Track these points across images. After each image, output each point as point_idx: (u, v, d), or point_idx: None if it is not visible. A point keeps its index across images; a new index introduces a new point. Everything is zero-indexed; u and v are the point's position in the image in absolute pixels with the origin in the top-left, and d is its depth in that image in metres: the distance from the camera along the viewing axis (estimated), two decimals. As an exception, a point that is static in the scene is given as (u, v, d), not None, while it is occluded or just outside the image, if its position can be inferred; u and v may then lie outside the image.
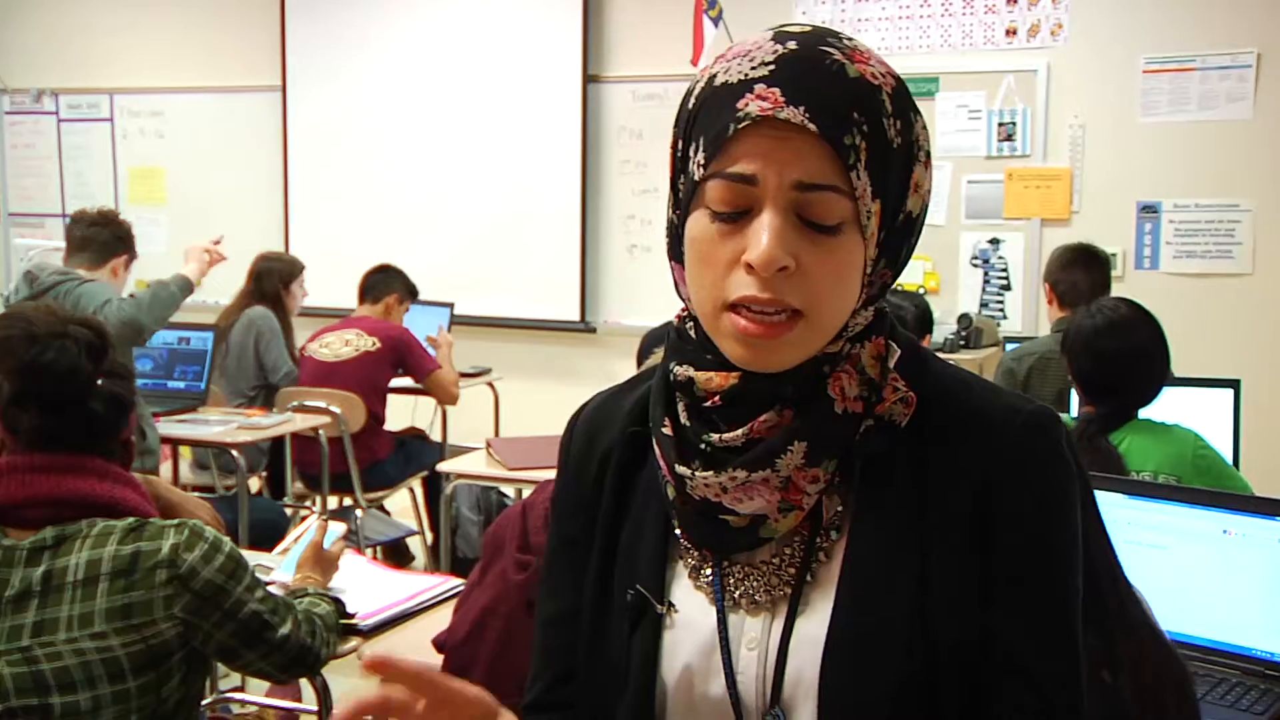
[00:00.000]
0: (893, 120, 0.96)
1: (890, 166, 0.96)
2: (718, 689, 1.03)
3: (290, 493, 4.99)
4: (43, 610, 1.90)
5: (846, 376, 1.00)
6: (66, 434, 1.98)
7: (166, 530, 1.97)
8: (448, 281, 6.37)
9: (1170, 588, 2.17)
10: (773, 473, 0.98)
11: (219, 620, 1.98)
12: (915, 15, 5.95)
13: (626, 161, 6.54)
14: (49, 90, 8.05)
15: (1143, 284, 5.52)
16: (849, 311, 0.99)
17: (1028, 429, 1.00)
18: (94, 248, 4.18)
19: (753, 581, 1.04)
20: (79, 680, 1.89)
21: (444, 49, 6.84)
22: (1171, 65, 5.51)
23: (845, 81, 0.94)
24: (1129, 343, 2.72)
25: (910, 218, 1.00)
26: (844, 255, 0.95)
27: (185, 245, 5.74)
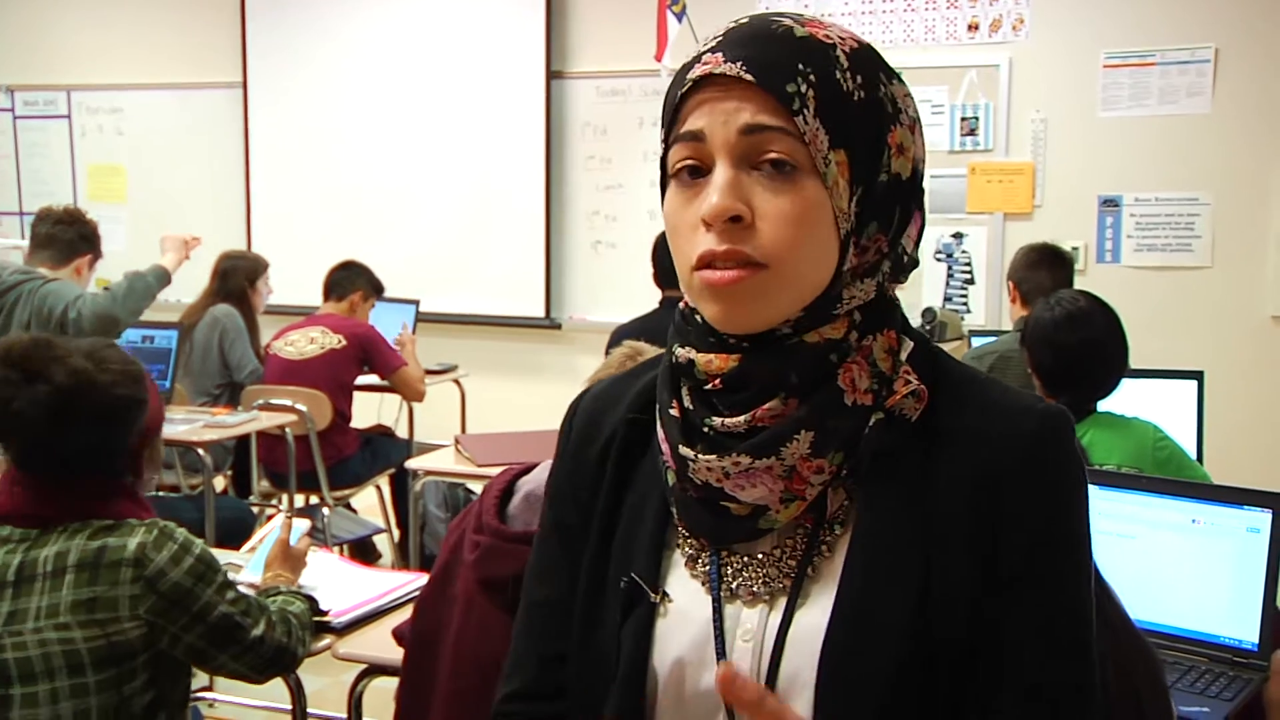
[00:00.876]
0: (849, 74, 0.97)
1: (850, 117, 0.96)
2: (709, 681, 1.02)
3: (256, 491, 4.96)
4: (15, 600, 1.93)
5: (857, 368, 0.99)
6: (42, 468, 2.03)
7: (136, 529, 1.98)
8: (413, 278, 6.34)
9: (1139, 577, 2.19)
10: (777, 461, 0.97)
11: (186, 623, 1.98)
12: (877, 10, 5.97)
13: (591, 157, 6.53)
14: (4, 86, 7.94)
15: (1105, 277, 5.57)
16: (826, 267, 0.97)
17: (1042, 428, 0.99)
18: (58, 246, 4.13)
19: (751, 572, 1.02)
20: (39, 671, 1.90)
21: (407, 45, 6.81)
22: (1132, 60, 5.56)
23: (790, 40, 0.96)
24: (1087, 335, 2.74)
25: (899, 180, 0.99)
26: (800, 200, 0.95)
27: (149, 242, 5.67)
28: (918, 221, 1.04)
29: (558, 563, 1.13)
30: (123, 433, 2.07)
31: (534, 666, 1.14)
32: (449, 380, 5.86)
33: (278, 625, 2.12)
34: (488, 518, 1.95)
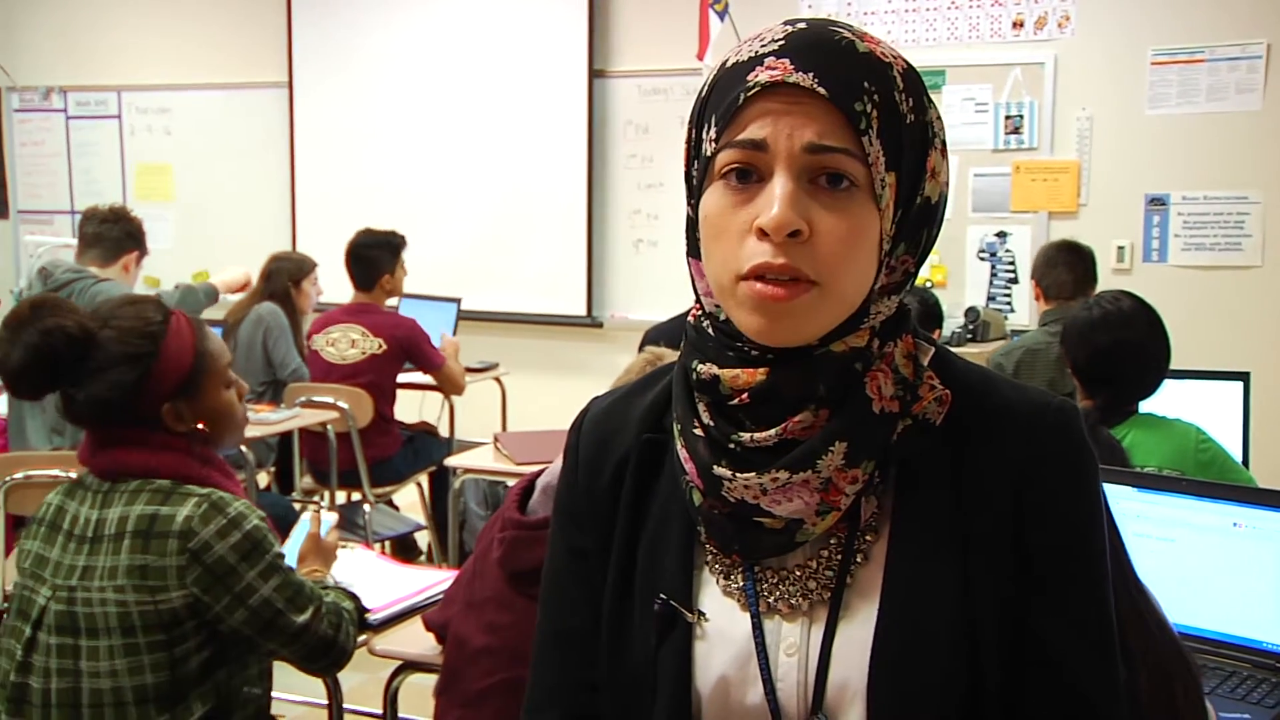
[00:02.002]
0: (904, 96, 0.96)
1: (904, 141, 0.96)
2: (755, 697, 1.01)
3: (299, 488, 4.99)
4: (89, 556, 2.03)
5: (882, 375, 0.99)
6: (81, 416, 2.11)
7: (188, 499, 2.04)
8: (455, 276, 6.37)
9: (1180, 581, 2.16)
10: (814, 474, 0.96)
11: (229, 604, 2.02)
12: (921, 8, 5.92)
13: (633, 156, 6.53)
14: (58, 88, 8.05)
15: (1151, 276, 5.51)
16: (865, 285, 0.97)
17: (1058, 424, 1.00)
18: (105, 244, 4.18)
19: (788, 586, 1.01)
20: (100, 627, 2.00)
21: (450, 45, 6.84)
22: (1180, 57, 5.48)
23: (855, 55, 0.95)
24: (1124, 335, 2.72)
25: (929, 204, 0.99)
26: (857, 221, 0.94)
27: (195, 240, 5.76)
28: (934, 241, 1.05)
29: (577, 592, 1.12)
30: (119, 390, 2.08)
31: (569, 696, 1.12)
32: (490, 378, 5.88)
33: (326, 617, 2.14)
34: (509, 514, 1.97)
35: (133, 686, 1.99)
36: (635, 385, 1.16)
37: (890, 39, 5.91)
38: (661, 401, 1.10)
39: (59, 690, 2.00)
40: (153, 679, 1.99)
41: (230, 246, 7.24)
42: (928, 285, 5.54)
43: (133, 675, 1.99)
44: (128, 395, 2.08)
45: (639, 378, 2.09)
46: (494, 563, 1.98)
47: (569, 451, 1.16)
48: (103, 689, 1.99)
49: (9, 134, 8.24)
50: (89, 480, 2.11)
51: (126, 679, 1.98)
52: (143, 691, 1.99)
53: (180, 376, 2.13)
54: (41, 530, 2.10)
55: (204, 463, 2.14)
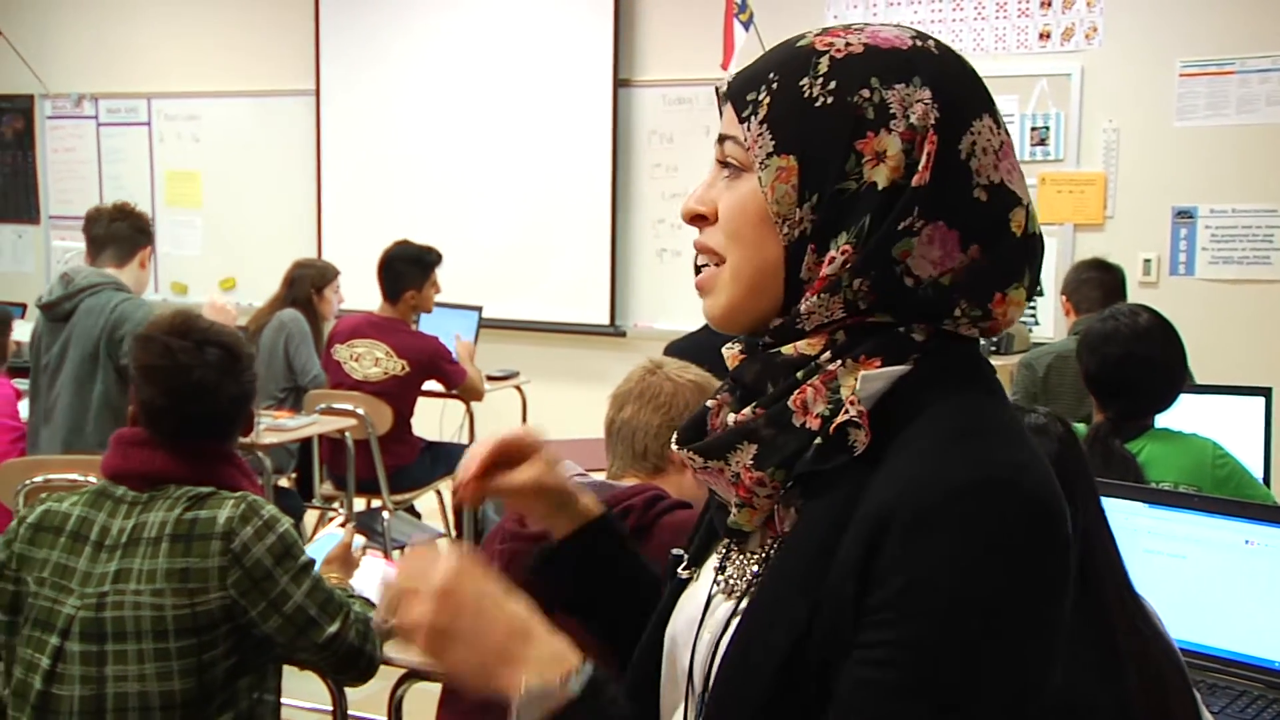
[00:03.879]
0: (821, 79, 0.97)
1: (805, 124, 0.97)
2: (684, 664, 1.06)
3: (318, 494, 5.02)
4: (123, 560, 2.06)
5: (813, 391, 0.95)
6: (189, 430, 2.19)
7: (225, 502, 2.09)
8: (477, 284, 6.38)
9: (1190, 599, 2.13)
10: (725, 466, 0.99)
11: (264, 610, 2.05)
12: (947, 19, 5.91)
13: (657, 165, 6.54)
14: (89, 95, 8.13)
15: (1177, 290, 5.46)
16: (765, 265, 0.99)
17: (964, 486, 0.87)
18: (119, 243, 4.13)
19: (737, 568, 1.04)
20: (129, 631, 2.02)
21: (475, 54, 6.86)
22: (1210, 69, 5.44)
23: (785, 49, 1.02)
24: (1137, 349, 2.70)
25: (871, 188, 0.93)
26: (739, 200, 1.00)
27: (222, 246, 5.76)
28: (944, 244, 0.94)
29: None
30: (248, 395, 2.25)
31: None
32: (510, 386, 5.89)
33: (354, 626, 2.17)
34: (508, 525, 1.97)
35: (160, 692, 2.01)
36: None
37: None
38: None
39: (82, 698, 2.02)
40: (180, 685, 2.01)
41: (256, 253, 7.30)
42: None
43: (161, 681, 2.01)
44: (249, 399, 2.25)
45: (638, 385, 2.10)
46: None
47: None
48: (129, 693, 2.01)
49: (41, 141, 8.33)
50: (118, 491, 2.14)
51: (154, 684, 2.00)
52: (170, 697, 2.01)
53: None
54: (62, 541, 2.11)
55: (244, 473, 2.24)
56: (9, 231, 8.49)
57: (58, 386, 3.89)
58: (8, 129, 8.43)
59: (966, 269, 0.95)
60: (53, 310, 3.94)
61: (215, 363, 2.19)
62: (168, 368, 2.17)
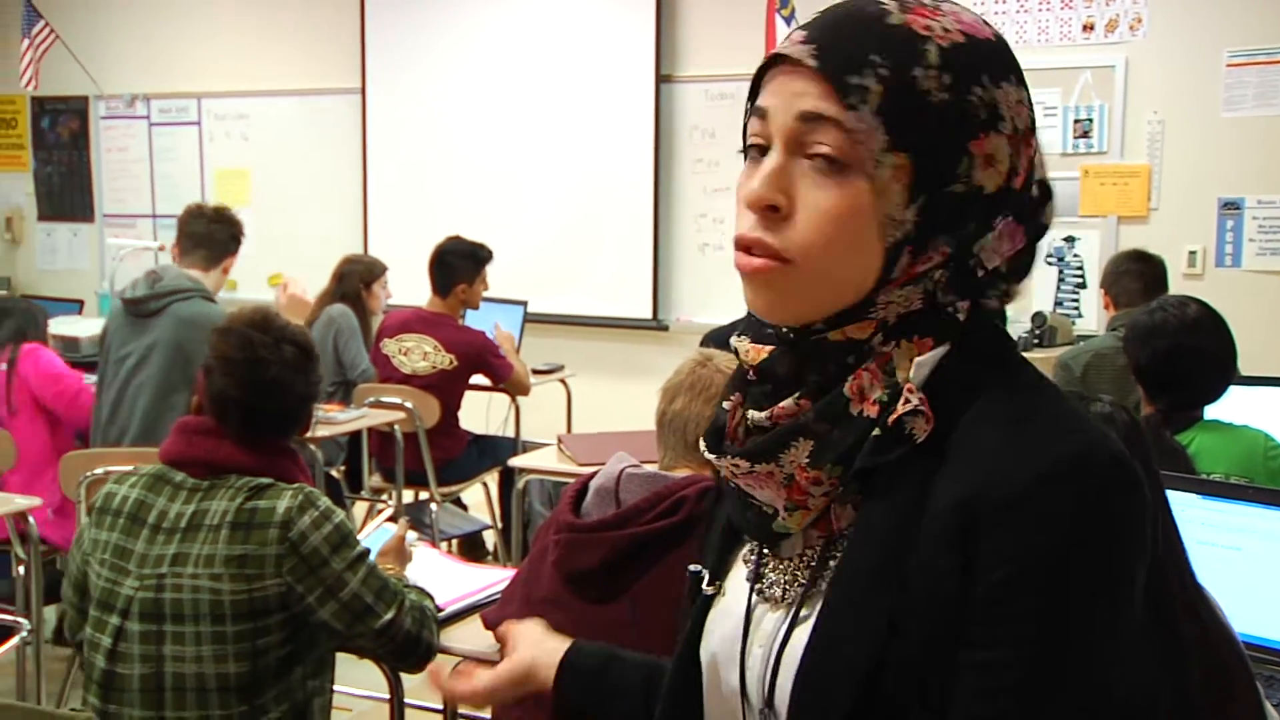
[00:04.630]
0: (935, 71, 0.89)
1: (925, 120, 0.88)
2: (732, 681, 1.01)
3: (367, 486, 5.05)
4: (183, 544, 2.09)
5: (869, 375, 0.91)
6: (256, 423, 2.22)
7: (284, 492, 2.13)
8: (521, 279, 6.39)
9: (1245, 590, 2.10)
10: (776, 467, 0.92)
11: (321, 596, 2.07)
12: (990, 12, 5.85)
13: (699, 160, 6.52)
14: (141, 95, 8.21)
15: (1223, 281, 5.39)
16: (864, 274, 0.90)
17: (1052, 472, 0.85)
18: (213, 246, 4.12)
19: (779, 575, 0.99)
20: (188, 614, 2.06)
21: (519, 51, 6.88)
22: (1259, 58, 5.35)
23: (876, 26, 0.90)
24: (1186, 340, 2.68)
25: (979, 192, 0.90)
26: (840, 199, 0.89)
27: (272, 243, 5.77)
28: (1012, 237, 0.94)
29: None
30: (315, 397, 2.32)
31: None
32: (555, 380, 5.90)
33: (410, 613, 2.19)
34: (563, 517, 1.97)
35: (215, 674, 2.04)
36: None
37: (958, 43, 5.84)
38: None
39: (142, 676, 2.05)
40: (235, 668, 2.04)
41: (304, 249, 7.34)
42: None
43: (217, 663, 2.04)
44: (314, 398, 2.30)
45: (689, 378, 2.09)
46: (550, 565, 1.98)
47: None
48: (185, 674, 2.04)
49: (96, 141, 8.42)
50: (177, 477, 2.18)
51: (210, 666, 2.03)
52: (224, 679, 2.04)
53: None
54: (120, 522, 2.15)
55: (299, 468, 2.27)
56: (65, 230, 8.60)
57: (137, 384, 3.91)
58: (64, 130, 8.54)
59: (1017, 255, 0.97)
60: (136, 307, 3.95)
61: (291, 360, 2.23)
62: (246, 360, 2.20)
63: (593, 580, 1.92)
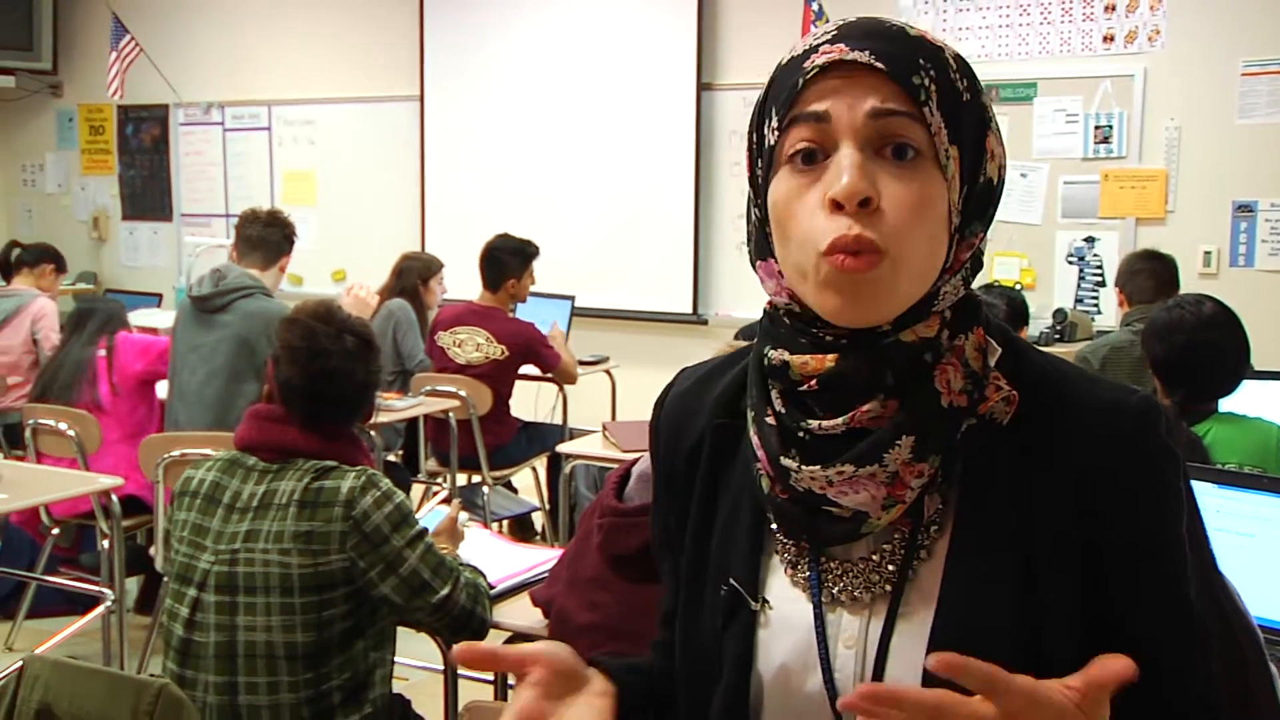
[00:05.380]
0: (959, 76, 0.92)
1: (963, 116, 0.91)
2: (814, 686, 0.96)
3: (423, 469, 5.07)
4: (254, 522, 2.11)
5: (952, 369, 0.92)
6: (319, 410, 2.23)
7: (348, 474, 2.14)
8: (570, 275, 6.40)
9: (1259, 576, 2.07)
10: (880, 468, 0.90)
11: (382, 570, 2.08)
12: (1014, 24, 5.79)
13: (737, 164, 6.49)
14: (216, 103, 8.28)
15: (1237, 281, 5.31)
16: (937, 260, 0.90)
17: (1133, 423, 0.92)
18: (267, 247, 4.21)
19: (852, 578, 0.96)
20: (259, 586, 2.08)
21: (567, 61, 6.87)
22: (1272, 68, 5.27)
23: (907, 37, 0.92)
24: (1202, 336, 2.66)
25: (990, 184, 0.94)
26: (925, 189, 0.88)
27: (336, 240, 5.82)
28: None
29: (670, 576, 1.10)
30: (376, 382, 2.31)
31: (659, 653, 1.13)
32: (601, 371, 5.90)
33: (465, 589, 2.19)
34: (607, 501, 1.97)
35: (284, 642, 2.05)
36: (717, 364, 1.11)
37: (984, 52, 5.80)
38: (737, 385, 1.05)
39: (217, 643, 2.08)
40: (302, 638, 2.05)
41: (366, 247, 7.38)
42: (1017, 287, 5.41)
43: (285, 632, 2.05)
44: (375, 386, 2.31)
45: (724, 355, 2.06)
46: (595, 547, 1.98)
47: (652, 427, 1.13)
48: (256, 642, 2.06)
49: (175, 146, 8.50)
50: (249, 460, 2.20)
51: (279, 635, 2.05)
52: (292, 648, 2.05)
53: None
54: (198, 503, 2.17)
55: (362, 452, 2.28)
56: (146, 229, 8.69)
57: (206, 374, 3.98)
58: (146, 136, 8.63)
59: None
60: (204, 304, 4.02)
61: (352, 350, 2.24)
62: (309, 349, 2.21)
63: (635, 562, 1.91)
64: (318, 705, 2.07)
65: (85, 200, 8.92)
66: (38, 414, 4.06)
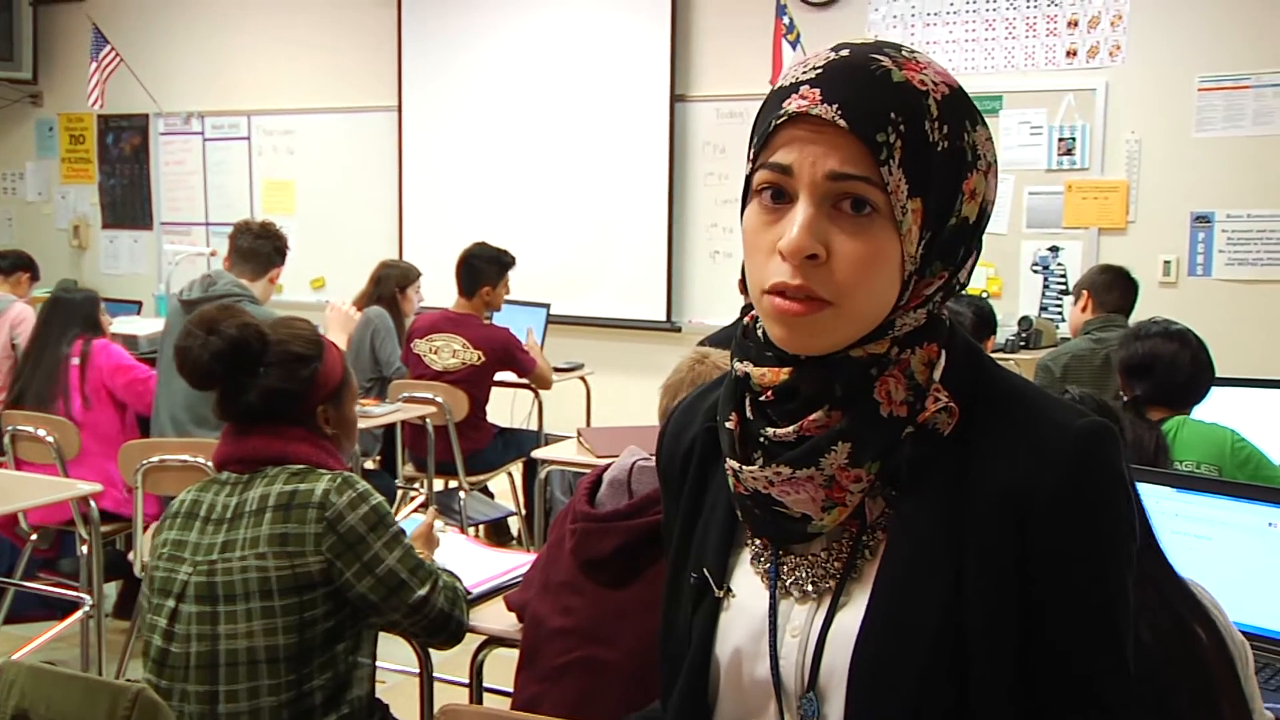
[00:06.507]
0: (937, 124, 0.92)
1: (933, 167, 0.92)
2: (762, 671, 1.01)
3: (401, 475, 5.05)
4: (229, 532, 2.09)
5: (894, 380, 0.96)
6: (240, 412, 2.18)
7: (322, 477, 2.12)
8: (545, 283, 6.40)
9: (1215, 577, 2.07)
10: (817, 470, 0.95)
11: (358, 571, 2.06)
12: (981, 38, 5.83)
13: (710, 174, 6.51)
14: (196, 113, 8.24)
15: (1196, 290, 5.37)
16: (886, 305, 0.94)
17: (1076, 444, 0.93)
18: (258, 259, 4.17)
19: (803, 572, 1.01)
20: (239, 593, 2.05)
21: (543, 73, 6.87)
22: (1226, 84, 5.33)
23: (886, 85, 0.91)
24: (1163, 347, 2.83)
25: (966, 223, 0.95)
26: (875, 245, 0.91)
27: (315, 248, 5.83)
28: (974, 254, 1.00)
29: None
30: (293, 384, 2.19)
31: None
32: (576, 377, 5.89)
33: (443, 592, 2.18)
34: (579, 507, 1.96)
35: (265, 646, 2.03)
36: (708, 385, 1.17)
37: (951, 66, 5.80)
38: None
39: (198, 653, 2.05)
40: (284, 640, 2.03)
41: (344, 255, 7.36)
42: (984, 296, 5.44)
43: (266, 636, 2.03)
44: (298, 389, 2.19)
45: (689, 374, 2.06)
46: (567, 552, 1.97)
47: (658, 445, 1.19)
48: (238, 649, 2.03)
49: (155, 155, 8.45)
50: (225, 476, 2.18)
51: (261, 639, 2.03)
52: (274, 651, 2.04)
53: (334, 384, 2.27)
54: (178, 521, 2.15)
55: (328, 454, 2.23)
56: (126, 237, 8.63)
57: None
58: (126, 145, 8.57)
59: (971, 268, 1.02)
60: (193, 307, 3.98)
61: (214, 349, 2.14)
62: (179, 350, 2.18)
63: (607, 566, 1.91)
64: (298, 707, 2.06)
65: (65, 209, 8.85)
66: (16, 420, 4.02)
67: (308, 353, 2.22)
